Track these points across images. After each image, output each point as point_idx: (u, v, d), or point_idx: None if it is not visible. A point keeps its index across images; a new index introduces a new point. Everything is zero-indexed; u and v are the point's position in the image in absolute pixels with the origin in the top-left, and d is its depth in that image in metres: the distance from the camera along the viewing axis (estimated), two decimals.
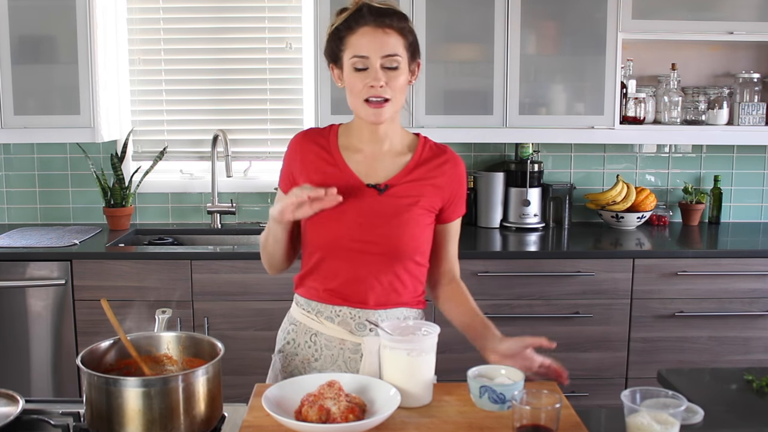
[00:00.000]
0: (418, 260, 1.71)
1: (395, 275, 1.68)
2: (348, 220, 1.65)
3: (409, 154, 1.71)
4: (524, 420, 1.29)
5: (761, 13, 3.12)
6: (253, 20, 3.47)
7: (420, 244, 1.69)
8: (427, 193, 1.69)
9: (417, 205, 1.67)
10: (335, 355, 1.69)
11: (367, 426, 1.33)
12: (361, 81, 1.59)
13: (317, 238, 1.68)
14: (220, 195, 3.49)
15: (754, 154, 3.56)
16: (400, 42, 1.60)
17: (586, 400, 2.96)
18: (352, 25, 1.59)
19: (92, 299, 2.89)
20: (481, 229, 3.39)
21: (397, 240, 1.65)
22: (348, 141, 1.72)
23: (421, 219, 1.68)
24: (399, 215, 1.65)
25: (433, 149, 1.73)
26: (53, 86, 3.14)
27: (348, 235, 1.65)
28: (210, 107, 3.53)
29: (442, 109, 3.15)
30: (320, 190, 1.54)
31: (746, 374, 1.71)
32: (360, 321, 1.68)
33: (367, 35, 1.58)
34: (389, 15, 1.59)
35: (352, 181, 1.67)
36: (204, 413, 1.36)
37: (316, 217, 1.65)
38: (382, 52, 1.58)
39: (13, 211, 3.53)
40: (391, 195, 1.66)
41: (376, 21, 1.58)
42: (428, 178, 1.69)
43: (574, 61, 3.18)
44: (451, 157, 1.74)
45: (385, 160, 1.70)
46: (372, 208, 1.65)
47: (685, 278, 2.95)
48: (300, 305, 1.76)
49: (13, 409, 1.40)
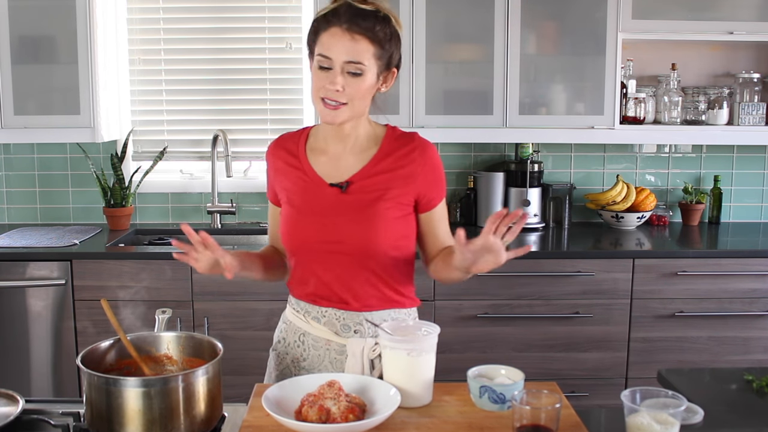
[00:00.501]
0: (394, 255, 1.66)
1: (371, 272, 1.65)
2: (313, 222, 1.64)
3: (374, 147, 1.68)
4: (524, 420, 1.29)
5: (761, 13, 3.12)
6: (253, 20, 3.47)
7: (391, 239, 1.64)
8: (395, 185, 1.64)
9: (383, 199, 1.63)
10: (321, 356, 1.70)
11: (367, 426, 1.33)
12: (320, 80, 1.56)
13: (288, 242, 1.69)
14: (220, 195, 3.49)
15: (754, 154, 3.56)
16: (369, 49, 1.55)
17: (586, 400, 2.96)
18: (328, 21, 1.55)
19: (92, 299, 2.89)
20: (481, 229, 3.38)
21: (364, 237, 1.62)
22: (316, 142, 1.71)
23: (389, 213, 1.64)
24: (363, 211, 1.63)
25: (400, 139, 1.68)
26: (53, 86, 3.14)
27: (315, 236, 1.64)
28: (210, 107, 3.53)
29: (442, 109, 3.15)
30: (191, 239, 1.49)
31: (746, 374, 1.71)
32: (345, 323, 1.68)
33: (335, 37, 1.54)
34: (366, 18, 1.54)
35: (316, 181, 1.66)
36: (204, 413, 1.36)
37: (284, 222, 1.68)
38: (345, 57, 1.54)
39: (13, 211, 3.53)
40: (355, 192, 1.64)
41: (349, 23, 1.53)
42: (395, 169, 1.65)
43: (574, 61, 3.18)
44: (419, 143, 1.67)
45: (348, 158, 1.67)
46: (335, 208, 1.64)
47: (685, 278, 2.95)
48: (291, 305, 1.77)
49: (13, 409, 1.40)
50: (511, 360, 2.88)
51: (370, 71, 1.57)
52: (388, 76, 1.63)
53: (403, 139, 1.68)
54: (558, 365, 2.98)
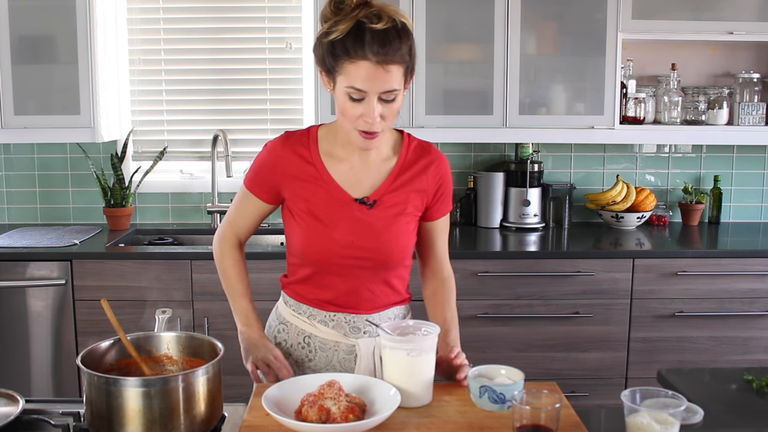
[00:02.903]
0: (406, 264, 1.73)
1: (386, 281, 1.70)
2: (339, 238, 1.63)
3: (393, 158, 1.67)
4: (524, 420, 1.29)
5: (761, 13, 3.12)
6: (253, 20, 3.47)
7: (409, 250, 1.71)
8: (412, 198, 1.67)
9: (404, 213, 1.66)
10: (330, 357, 1.70)
11: (367, 426, 1.33)
12: (355, 110, 1.51)
13: (308, 253, 1.66)
14: (220, 195, 3.49)
15: (754, 154, 3.56)
16: (400, 71, 1.50)
17: (586, 400, 2.96)
18: (351, 52, 1.46)
19: (92, 299, 2.89)
20: (481, 229, 3.39)
21: (389, 252, 1.65)
22: (331, 147, 1.65)
23: (408, 226, 1.68)
24: (388, 228, 1.64)
25: (417, 150, 1.68)
26: (53, 86, 3.14)
27: (340, 252, 1.64)
28: (210, 107, 3.53)
29: (442, 109, 3.15)
30: (282, 371, 1.62)
31: (746, 374, 1.71)
32: (354, 325, 1.68)
33: (368, 72, 1.46)
34: (392, 41, 1.46)
35: (340, 194, 1.64)
36: (204, 413, 1.36)
37: (305, 232, 1.64)
38: (381, 89, 1.49)
39: (13, 211, 3.53)
40: (380, 207, 1.65)
41: (377, 56, 1.45)
42: (412, 182, 1.67)
43: (574, 62, 3.18)
44: (436, 157, 1.69)
45: (371, 168, 1.66)
46: (363, 225, 1.63)
47: (685, 278, 2.95)
48: (290, 305, 1.76)
49: (13, 409, 1.40)
50: (511, 360, 2.88)
51: (401, 91, 1.53)
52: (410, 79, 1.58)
53: (421, 150, 1.70)
54: (558, 365, 2.98)
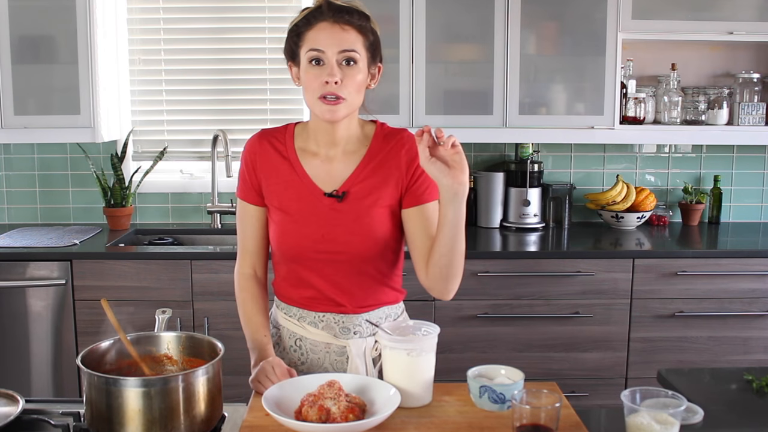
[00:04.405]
0: (390, 257, 1.68)
1: (367, 276, 1.66)
2: (310, 232, 1.63)
3: (363, 149, 1.66)
4: (524, 420, 1.29)
5: (761, 13, 3.12)
6: (253, 20, 3.47)
7: (387, 243, 1.65)
8: (385, 186, 1.63)
9: (377, 206, 1.63)
10: (321, 359, 1.70)
11: (367, 426, 1.33)
12: (316, 77, 1.55)
13: (282, 249, 1.67)
14: (220, 195, 3.49)
15: (753, 154, 3.56)
16: (359, 39, 1.56)
17: (586, 400, 2.96)
18: (311, 20, 1.56)
19: (92, 299, 2.89)
20: (481, 229, 3.39)
21: (361, 245, 1.63)
22: (305, 143, 1.68)
23: (384, 218, 1.64)
24: (360, 219, 1.62)
25: (388, 137, 1.67)
26: (53, 86, 3.14)
27: (312, 246, 1.63)
28: (210, 107, 3.53)
29: (442, 109, 3.15)
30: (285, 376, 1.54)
31: (746, 374, 1.71)
32: (344, 325, 1.68)
33: (325, 30, 1.54)
34: (349, 12, 1.56)
35: (312, 189, 1.64)
36: (204, 413, 1.36)
37: (278, 228, 1.65)
38: (339, 47, 1.53)
39: (13, 211, 3.53)
40: (350, 199, 1.63)
41: (335, 17, 1.54)
42: (382, 167, 1.64)
43: (573, 61, 3.18)
44: (406, 138, 1.66)
45: (340, 161, 1.65)
46: (333, 218, 1.63)
47: (685, 278, 2.95)
48: (281, 309, 1.76)
49: (13, 409, 1.40)
50: (511, 360, 2.88)
51: (362, 61, 1.57)
52: (375, 71, 1.64)
53: (391, 136, 1.67)
54: (558, 365, 2.98)
